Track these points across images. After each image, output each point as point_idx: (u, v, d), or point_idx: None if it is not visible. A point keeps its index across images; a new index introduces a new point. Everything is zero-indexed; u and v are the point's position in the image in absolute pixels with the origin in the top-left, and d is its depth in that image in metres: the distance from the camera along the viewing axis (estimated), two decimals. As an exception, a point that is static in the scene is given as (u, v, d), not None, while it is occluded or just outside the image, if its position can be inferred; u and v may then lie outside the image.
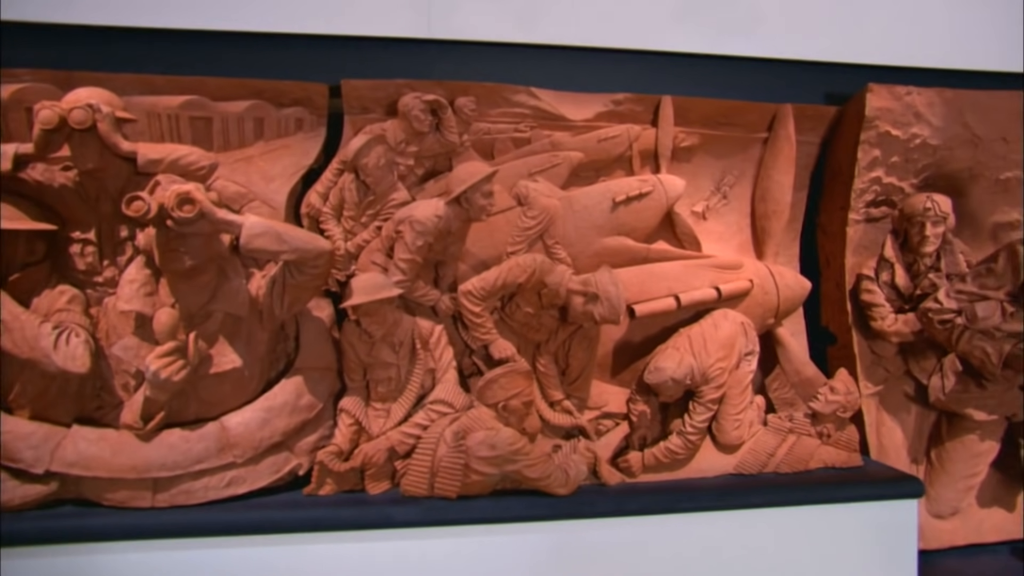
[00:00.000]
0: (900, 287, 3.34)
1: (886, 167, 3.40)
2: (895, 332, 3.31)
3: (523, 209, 3.06)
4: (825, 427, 3.12)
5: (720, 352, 2.96)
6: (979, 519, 3.41)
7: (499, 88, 3.08)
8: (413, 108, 2.93)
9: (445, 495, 2.65)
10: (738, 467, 3.02)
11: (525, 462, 2.65)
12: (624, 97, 3.21)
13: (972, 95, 3.35)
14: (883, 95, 3.27)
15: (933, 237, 3.24)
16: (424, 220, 2.74)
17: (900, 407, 3.46)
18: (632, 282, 3.13)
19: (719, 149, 3.42)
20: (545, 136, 3.15)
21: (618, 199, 3.13)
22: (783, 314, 3.33)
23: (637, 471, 2.92)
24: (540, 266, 2.83)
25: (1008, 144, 3.45)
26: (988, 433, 3.28)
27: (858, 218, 3.45)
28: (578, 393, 3.03)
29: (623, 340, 3.15)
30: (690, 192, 3.42)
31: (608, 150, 3.21)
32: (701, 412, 2.93)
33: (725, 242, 3.48)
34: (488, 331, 2.86)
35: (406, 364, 2.82)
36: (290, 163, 3.02)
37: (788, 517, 2.88)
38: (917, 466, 3.43)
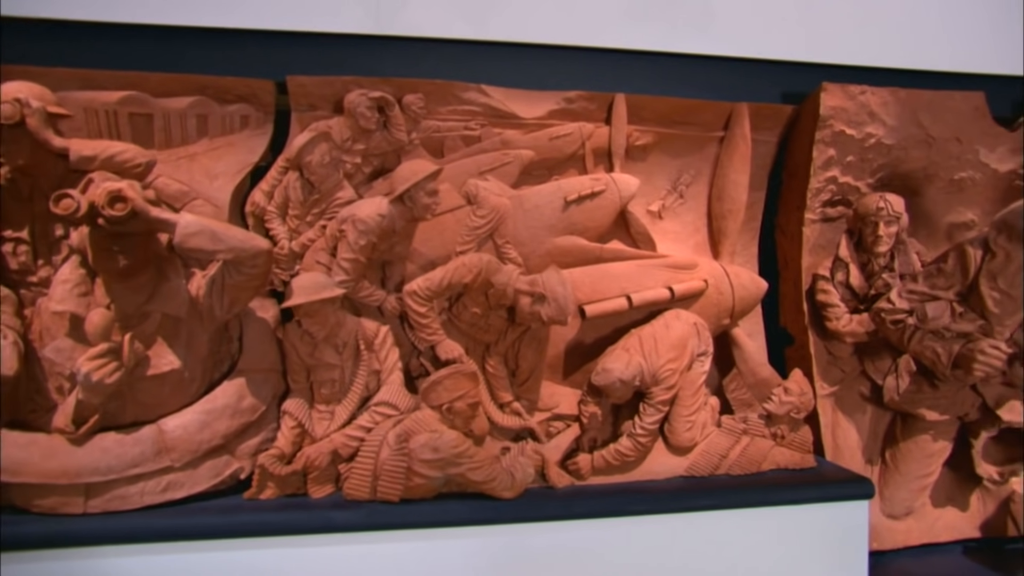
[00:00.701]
0: (855, 287, 3.33)
1: (842, 166, 3.39)
2: (849, 332, 3.30)
3: (472, 208, 3.02)
4: (779, 428, 3.11)
5: (671, 353, 2.93)
6: (933, 519, 3.41)
7: (449, 85, 3.04)
8: (359, 105, 2.88)
9: (387, 499, 2.60)
10: (689, 469, 3.00)
11: (469, 465, 2.61)
12: (577, 95, 3.17)
13: (926, 95, 3.34)
14: (837, 94, 3.25)
15: (886, 237, 3.22)
16: (367, 219, 2.70)
17: (856, 407, 3.45)
18: (584, 282, 3.10)
19: (675, 148, 3.40)
20: (496, 134, 3.11)
21: (570, 198, 3.10)
22: (739, 314, 3.31)
23: (586, 473, 2.89)
24: (487, 266, 2.79)
25: (962, 144, 3.44)
26: (941, 433, 3.27)
27: (814, 218, 3.44)
28: (528, 395, 3.00)
29: (575, 341, 3.11)
30: (645, 191, 3.40)
31: (560, 148, 3.18)
32: (651, 414, 2.90)
33: (681, 242, 3.45)
34: (434, 332, 2.81)
35: (350, 365, 2.78)
36: (235, 161, 2.96)
37: (739, 519, 2.85)
38: (872, 467, 3.42)
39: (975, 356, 2.87)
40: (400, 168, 2.80)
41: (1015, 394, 3.13)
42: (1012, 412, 3.11)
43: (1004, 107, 3.61)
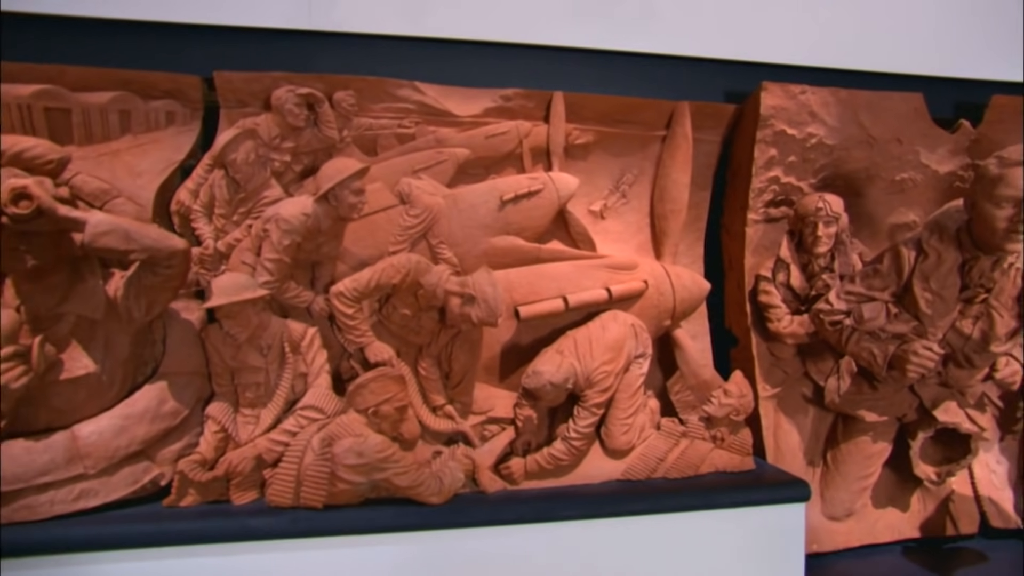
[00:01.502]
0: (796, 288, 3.31)
1: (784, 166, 3.37)
2: (790, 334, 3.29)
3: (405, 207, 2.97)
4: (719, 431, 3.08)
5: (606, 355, 2.89)
6: (873, 520, 3.40)
7: (382, 82, 2.98)
8: (286, 102, 2.81)
9: (311, 505, 2.54)
10: (626, 473, 2.96)
11: (395, 470, 2.55)
12: (514, 93, 3.12)
13: (865, 95, 3.33)
14: (777, 94, 3.23)
15: (825, 237, 3.21)
16: (290, 218, 2.63)
17: (798, 409, 3.44)
18: (521, 283, 3.06)
19: (617, 147, 3.36)
20: (430, 132, 3.05)
21: (506, 197, 3.05)
22: (680, 315, 3.28)
23: (519, 478, 2.84)
24: (416, 266, 2.74)
25: (903, 145, 3.44)
26: (880, 434, 3.27)
27: (757, 218, 3.42)
28: (461, 397, 2.94)
29: (511, 343, 3.07)
30: (587, 191, 3.36)
31: (497, 147, 3.13)
32: (585, 417, 2.86)
33: (624, 242, 3.42)
34: (363, 334, 2.75)
35: (275, 368, 2.71)
36: (160, 158, 2.88)
37: (674, 523, 2.82)
38: (813, 468, 3.40)
39: (908, 357, 2.86)
40: (325, 166, 2.73)
41: (951, 395, 3.13)
42: (948, 413, 3.10)
43: (944, 109, 3.61)
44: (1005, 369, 2.97)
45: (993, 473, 3.62)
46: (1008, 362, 2.98)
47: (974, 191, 2.69)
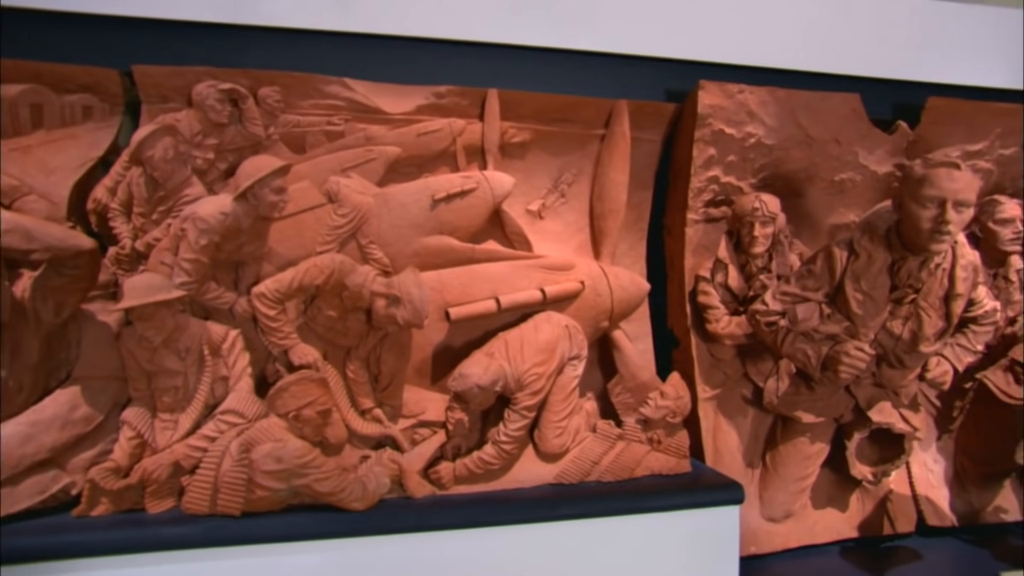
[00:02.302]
0: (734, 288, 3.29)
1: (723, 166, 3.35)
2: (728, 335, 3.27)
3: (334, 207, 2.90)
4: (655, 433, 3.05)
5: (538, 357, 2.85)
6: (813, 520, 3.39)
7: (310, 78, 2.90)
8: (208, 97, 2.73)
9: (228, 512, 2.46)
10: (559, 476, 2.92)
11: (315, 476, 2.48)
12: (447, 90, 3.06)
13: (804, 96, 3.32)
14: (715, 92, 3.21)
15: (762, 238, 3.20)
16: (207, 218, 2.55)
17: (737, 411, 3.42)
18: (453, 283, 3.01)
19: (555, 146, 3.31)
20: (360, 130, 2.98)
21: (438, 196, 2.99)
22: (618, 316, 3.24)
23: (448, 483, 2.78)
24: (340, 267, 2.67)
25: (841, 146, 3.44)
26: (818, 435, 3.26)
27: (697, 218, 3.40)
28: (391, 401, 2.88)
29: (443, 344, 3.01)
30: (525, 190, 3.31)
31: (429, 145, 3.06)
32: (516, 420, 2.81)
33: (563, 242, 3.37)
34: (286, 336, 2.68)
35: (194, 372, 2.62)
36: (76, 155, 2.78)
37: (608, 527, 2.78)
38: (752, 470, 3.39)
39: (840, 358, 2.85)
40: (244, 164, 2.65)
41: (885, 395, 3.12)
42: (882, 413, 3.10)
43: (882, 110, 3.62)
44: (936, 369, 2.97)
45: (930, 472, 3.64)
46: (939, 362, 2.98)
47: (901, 192, 2.68)
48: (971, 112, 3.61)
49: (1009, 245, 3.50)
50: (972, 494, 3.60)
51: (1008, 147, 3.71)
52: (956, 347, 3.02)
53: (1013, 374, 3.36)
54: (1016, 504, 3.62)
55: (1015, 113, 3.65)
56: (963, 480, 3.62)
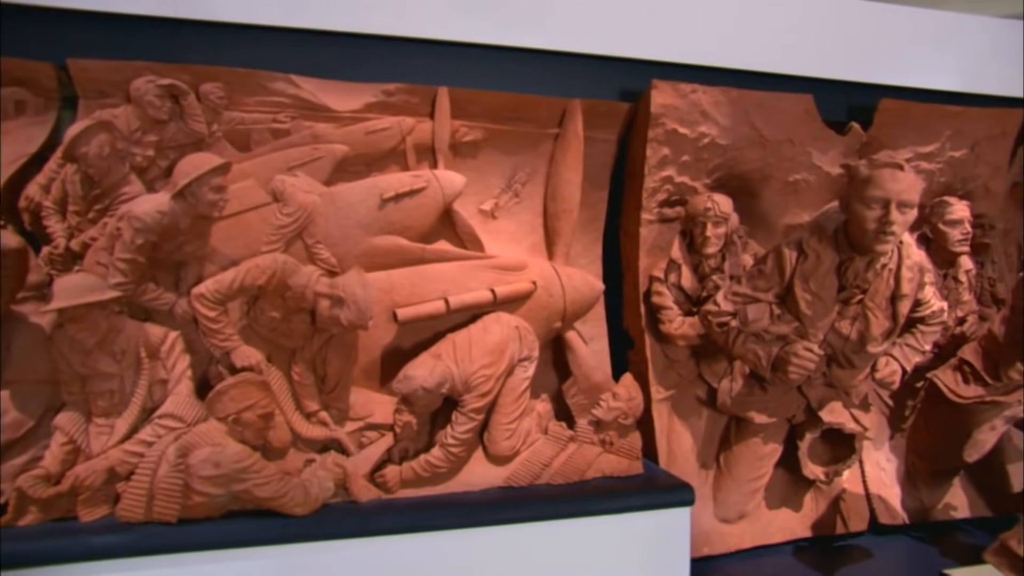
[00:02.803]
0: (687, 289, 3.29)
1: (677, 166, 3.34)
2: (681, 335, 3.26)
3: (279, 206, 2.84)
4: (608, 435, 3.03)
5: (486, 359, 2.81)
6: (767, 520, 3.39)
7: (254, 75, 2.84)
8: (146, 93, 2.66)
9: (164, 520, 2.40)
10: (509, 479, 2.88)
11: (255, 480, 2.43)
12: (396, 88, 3.02)
13: (757, 96, 3.33)
14: (668, 92, 3.20)
15: (715, 238, 3.19)
16: (143, 216, 2.47)
17: (692, 412, 3.41)
18: (402, 284, 2.96)
19: (508, 145, 3.28)
20: (306, 127, 2.93)
21: (386, 196, 2.95)
22: (571, 317, 3.22)
23: (394, 486, 2.74)
24: (282, 267, 2.61)
25: (795, 146, 3.45)
26: (771, 436, 3.26)
27: (651, 218, 3.39)
28: (337, 403, 2.83)
29: (392, 346, 2.96)
30: (478, 189, 3.28)
31: (377, 143, 3.02)
32: (464, 423, 2.78)
33: (517, 242, 3.34)
34: (227, 337, 2.62)
35: (131, 375, 2.55)
36: (8, 151, 2.70)
37: (556, 530, 2.76)
38: (706, 471, 3.38)
39: (790, 359, 2.85)
40: (182, 162, 2.58)
41: (836, 395, 3.13)
42: (833, 413, 3.11)
43: (837, 111, 3.64)
44: (885, 369, 2.98)
45: (883, 471, 3.67)
46: (888, 362, 2.99)
47: (848, 192, 2.68)
48: (923, 114, 3.64)
49: (958, 246, 3.53)
50: (923, 492, 3.63)
51: (958, 149, 3.76)
52: (905, 347, 3.03)
53: (962, 373, 3.39)
54: (965, 501, 3.66)
55: (965, 116, 3.69)
56: (914, 479, 3.65)
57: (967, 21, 3.91)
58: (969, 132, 3.74)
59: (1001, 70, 3.96)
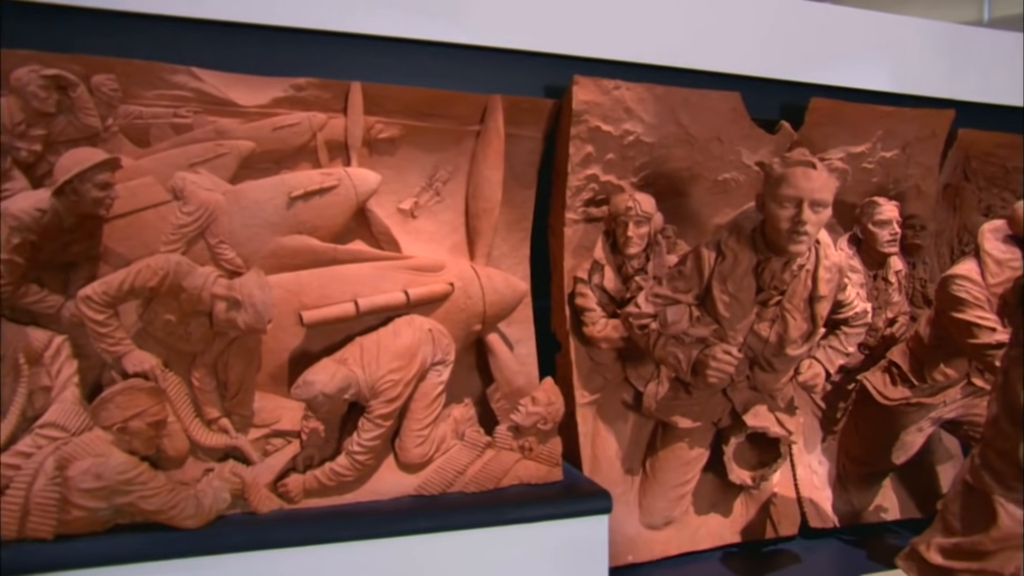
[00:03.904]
0: (610, 290, 3.21)
1: (602, 164, 3.27)
2: (604, 338, 3.19)
3: (179, 204, 2.72)
4: (527, 440, 2.95)
5: (395, 363, 2.71)
6: (695, 527, 3.33)
7: (152, 67, 2.72)
8: (29, 84, 2.52)
9: (39, 536, 2.26)
10: (420, 487, 2.79)
11: (140, 492, 2.31)
12: (307, 82, 2.91)
13: (683, 93, 3.27)
14: (590, 88, 3.13)
15: (636, 238, 3.12)
16: (20, 214, 2.35)
17: (617, 416, 3.34)
18: (312, 285, 2.85)
19: (428, 142, 3.18)
20: (210, 123, 2.80)
21: (295, 194, 2.84)
22: (492, 319, 3.13)
23: (296, 496, 2.63)
24: (176, 268, 2.49)
25: (723, 145, 3.40)
26: (697, 440, 3.20)
27: (576, 218, 3.31)
28: (240, 409, 2.71)
29: (301, 350, 2.85)
30: (396, 188, 3.17)
31: (286, 140, 2.90)
32: (370, 429, 2.67)
33: (438, 242, 3.24)
34: (117, 342, 2.49)
35: (9, 382, 2.42)
36: None
37: (467, 540, 2.67)
38: (632, 476, 3.31)
39: (708, 362, 2.79)
40: (63, 157, 2.45)
41: (761, 399, 3.08)
42: (757, 417, 3.05)
43: (769, 110, 3.60)
44: (807, 372, 2.94)
45: (815, 474, 3.63)
46: (811, 364, 2.95)
47: (763, 191, 2.63)
48: (854, 114, 3.62)
49: (887, 247, 3.50)
50: (853, 495, 3.60)
51: (890, 150, 3.74)
52: (828, 349, 2.99)
53: (890, 375, 3.36)
54: (896, 503, 3.64)
55: (896, 116, 3.67)
56: (845, 481, 3.61)
57: (898, 22, 3.90)
58: (900, 133, 3.72)
59: (932, 72, 3.94)
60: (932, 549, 2.34)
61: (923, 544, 2.38)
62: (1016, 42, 4.16)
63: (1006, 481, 2.21)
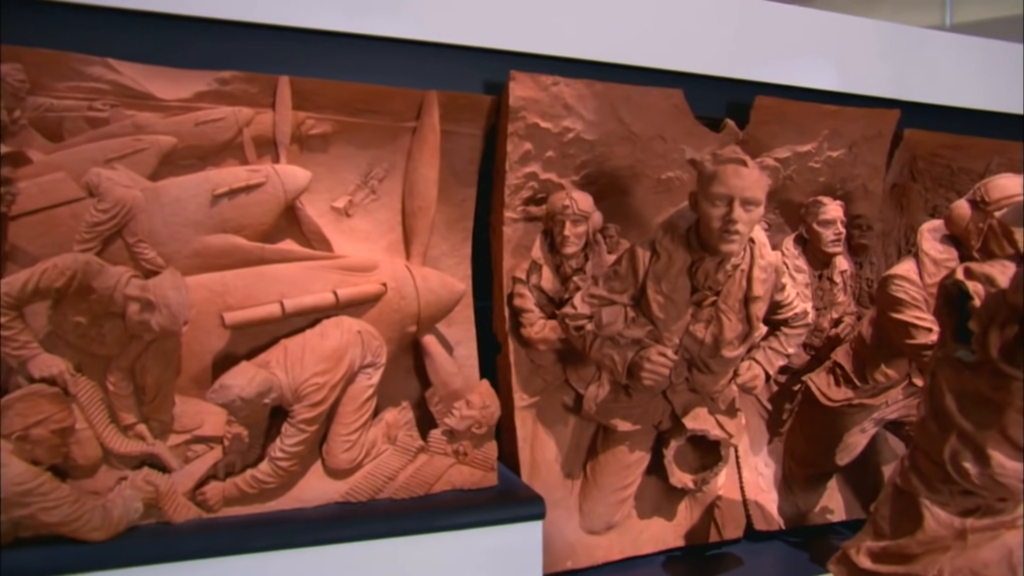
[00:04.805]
0: (548, 291, 3.15)
1: (542, 162, 3.20)
2: (542, 339, 3.12)
3: (93, 201, 2.60)
4: (461, 444, 2.88)
5: (320, 365, 2.63)
6: (637, 531, 3.28)
7: (65, 57, 2.60)
8: (-75, 75, 2.40)
9: (-76, 553, 2.15)
10: (348, 494, 2.71)
11: (41, 504, 2.20)
12: (232, 75, 2.80)
13: (624, 90, 3.21)
14: (527, 84, 3.06)
15: (574, 237, 3.06)
16: (-88, 212, 2.23)
17: (558, 419, 3.27)
18: (238, 286, 2.75)
19: (363, 138, 3.09)
20: (127, 116, 2.69)
21: (219, 191, 2.73)
22: (427, 320, 3.05)
23: (215, 504, 2.53)
24: (84, 268, 2.38)
25: (667, 143, 3.36)
26: (637, 443, 3.14)
27: (516, 217, 3.24)
28: (158, 415, 2.61)
29: (225, 352, 2.75)
30: (330, 185, 3.08)
31: (210, 135, 2.80)
32: (293, 435, 2.59)
33: (373, 242, 3.16)
34: (22, 345, 2.38)
35: (-101, 389, 2.29)
36: None
37: (393, 549, 2.59)
38: (572, 481, 3.25)
39: (643, 364, 2.73)
40: (-46, 152, 2.34)
41: (702, 401, 3.03)
42: (696, 420, 3.00)
43: (715, 108, 3.56)
44: (746, 373, 2.90)
45: (761, 476, 3.59)
46: (750, 366, 2.91)
47: (696, 190, 2.58)
48: (799, 113, 3.59)
49: (831, 247, 3.48)
50: (799, 496, 3.57)
51: (836, 149, 3.72)
52: (768, 350, 2.95)
53: (834, 376, 3.33)
54: (841, 504, 3.62)
55: (841, 115, 3.65)
56: (790, 483, 3.58)
57: (844, 21, 3.88)
58: (846, 132, 3.70)
59: (878, 71, 3.93)
60: (862, 553, 2.31)
61: (853, 548, 2.35)
62: (959, 43, 4.18)
63: (932, 484, 2.18)
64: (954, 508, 2.15)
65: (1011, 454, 1.99)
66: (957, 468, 2.07)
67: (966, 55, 4.19)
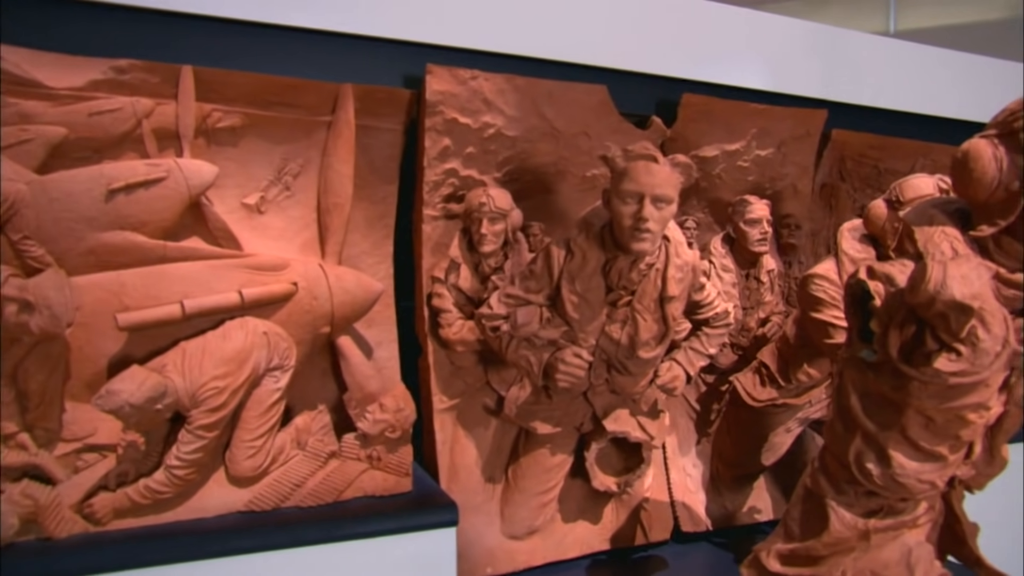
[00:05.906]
0: (466, 290, 3.07)
1: (462, 158, 3.12)
2: (460, 340, 3.04)
3: (-27, 195, 2.44)
4: (375, 449, 2.78)
5: (220, 368, 2.51)
6: (561, 535, 3.22)
7: (-61, 41, 2.44)
8: None
9: None
10: (251, 503, 2.59)
11: (-99, 522, 2.04)
12: (130, 64, 2.66)
13: (546, 85, 3.15)
14: (445, 78, 2.98)
15: (491, 235, 2.98)
16: None
17: (479, 422, 3.19)
18: (136, 285, 2.61)
19: (276, 132, 2.97)
20: (12, 105, 2.53)
21: (115, 186, 2.59)
22: (341, 321, 2.94)
23: (104, 517, 2.40)
24: (-44, 267, 2.23)
25: (591, 140, 3.30)
26: (559, 446, 3.08)
27: (435, 214, 3.16)
28: (44, 423, 2.46)
29: (122, 355, 2.61)
30: (241, 181, 2.95)
31: (106, 127, 2.65)
32: (190, 442, 2.47)
33: (287, 240, 3.03)
34: None
35: None
36: None
37: (298, 559, 2.49)
38: (494, 485, 3.17)
39: (557, 365, 2.67)
40: None
41: (623, 402, 2.98)
42: (617, 422, 2.96)
43: (642, 105, 3.52)
44: (666, 374, 2.86)
45: (689, 477, 3.57)
46: (670, 367, 2.88)
47: (608, 187, 2.52)
48: (726, 111, 3.57)
49: (757, 246, 3.47)
50: (726, 497, 3.55)
51: (765, 148, 3.71)
52: (689, 351, 2.92)
53: (760, 376, 3.32)
54: (769, 504, 3.61)
55: (769, 114, 3.64)
56: (718, 483, 3.56)
57: (771, 21, 3.88)
58: (775, 131, 3.70)
59: (805, 71, 3.94)
60: (772, 556, 2.29)
61: (764, 551, 2.33)
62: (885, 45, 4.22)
63: (839, 485, 2.17)
64: (859, 509, 2.13)
65: (911, 454, 1.98)
66: (861, 469, 2.05)
67: (893, 58, 4.23)
